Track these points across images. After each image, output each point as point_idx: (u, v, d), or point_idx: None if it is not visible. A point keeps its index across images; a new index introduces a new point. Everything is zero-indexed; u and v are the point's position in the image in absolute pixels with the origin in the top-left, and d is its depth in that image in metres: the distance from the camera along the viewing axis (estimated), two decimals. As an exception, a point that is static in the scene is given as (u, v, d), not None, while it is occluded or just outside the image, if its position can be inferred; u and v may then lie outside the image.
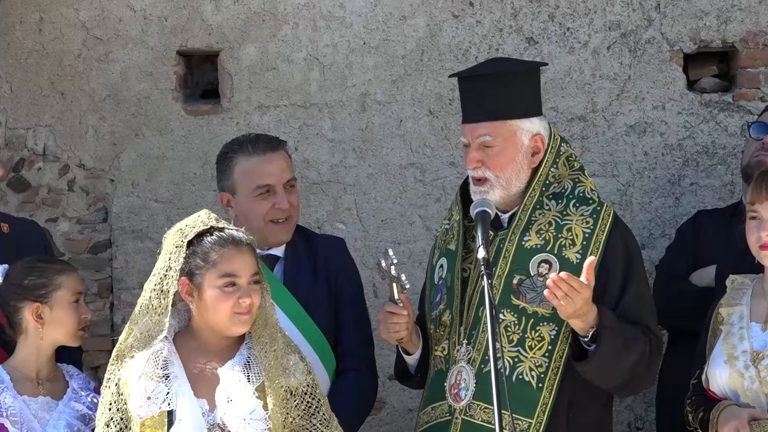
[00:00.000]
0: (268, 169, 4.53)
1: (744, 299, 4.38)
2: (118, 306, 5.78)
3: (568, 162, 4.35)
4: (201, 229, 3.94)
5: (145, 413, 3.87)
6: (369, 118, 5.72)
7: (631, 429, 5.67)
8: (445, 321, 4.31)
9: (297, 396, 3.98)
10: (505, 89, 4.25)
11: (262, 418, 3.87)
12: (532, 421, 4.09)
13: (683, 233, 5.27)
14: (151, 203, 5.77)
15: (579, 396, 4.18)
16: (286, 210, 4.54)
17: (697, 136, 5.65)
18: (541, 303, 4.14)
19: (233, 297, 3.89)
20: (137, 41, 5.77)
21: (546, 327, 4.15)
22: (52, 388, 4.36)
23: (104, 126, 5.80)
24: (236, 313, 3.90)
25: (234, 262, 3.91)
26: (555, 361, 4.14)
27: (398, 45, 5.71)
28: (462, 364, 4.19)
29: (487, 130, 4.22)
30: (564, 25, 5.67)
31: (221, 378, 3.92)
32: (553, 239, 4.21)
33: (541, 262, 4.20)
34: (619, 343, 4.09)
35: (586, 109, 5.67)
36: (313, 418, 3.99)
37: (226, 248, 3.92)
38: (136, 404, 3.87)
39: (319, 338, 4.49)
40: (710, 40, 5.66)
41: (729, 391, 4.27)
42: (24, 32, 5.80)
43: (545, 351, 4.13)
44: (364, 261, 5.69)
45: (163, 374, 3.89)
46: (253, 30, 5.74)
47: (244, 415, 3.87)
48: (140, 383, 3.87)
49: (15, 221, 4.86)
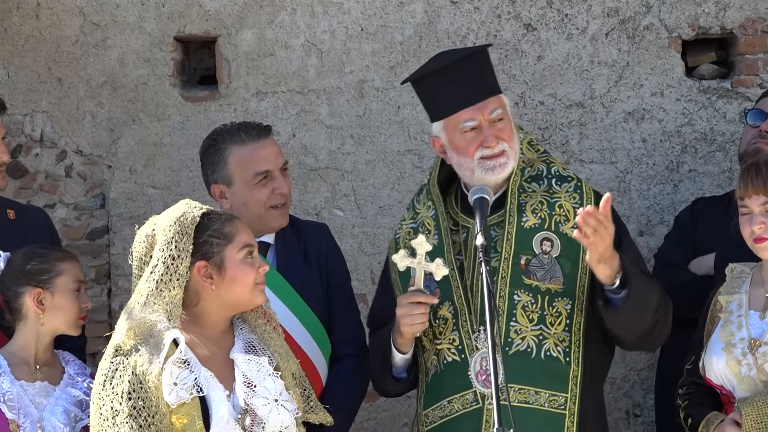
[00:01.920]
0: (264, 155, 4.52)
1: (743, 287, 4.39)
2: (115, 292, 5.78)
3: (531, 146, 4.43)
4: (202, 212, 3.93)
5: (174, 399, 3.78)
6: (367, 104, 5.72)
7: (630, 416, 5.67)
8: (444, 314, 4.28)
9: (296, 378, 4.00)
10: (488, 66, 4.31)
11: (289, 399, 3.88)
12: (567, 395, 4.14)
13: (681, 221, 5.27)
14: (149, 189, 5.77)
15: (596, 371, 4.26)
16: (286, 194, 4.54)
17: (695, 122, 5.65)
18: (552, 279, 4.19)
19: (254, 267, 3.92)
20: (134, 27, 5.76)
21: (561, 302, 4.19)
22: (49, 373, 4.36)
23: (102, 112, 5.79)
24: (257, 284, 3.93)
25: (246, 233, 3.95)
26: (575, 334, 4.19)
27: (396, 31, 5.70)
28: (485, 350, 4.17)
29: (496, 104, 4.26)
30: (562, 12, 5.66)
31: (238, 362, 3.90)
32: (548, 217, 4.26)
33: (543, 240, 4.24)
34: (644, 287, 4.15)
35: (584, 95, 5.67)
36: (309, 401, 4.01)
37: (235, 221, 3.96)
38: (165, 390, 3.77)
39: (315, 324, 4.50)
40: (709, 26, 5.65)
41: (725, 378, 4.28)
42: (21, 18, 5.79)
43: (565, 326, 4.18)
44: (362, 247, 5.68)
45: (183, 360, 3.83)
46: (250, 16, 5.73)
47: (275, 397, 3.85)
48: (167, 369, 3.79)
49: (21, 208, 4.86)
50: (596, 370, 4.29)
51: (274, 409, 3.84)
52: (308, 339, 4.43)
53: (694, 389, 4.43)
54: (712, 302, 4.44)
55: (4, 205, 4.77)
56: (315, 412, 4.01)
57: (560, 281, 4.19)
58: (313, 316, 4.49)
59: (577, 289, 4.21)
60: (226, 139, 4.53)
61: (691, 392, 4.44)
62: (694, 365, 4.42)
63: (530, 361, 4.13)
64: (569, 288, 4.19)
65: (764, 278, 4.38)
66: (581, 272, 4.21)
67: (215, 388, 3.83)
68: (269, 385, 3.88)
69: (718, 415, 4.29)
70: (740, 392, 4.26)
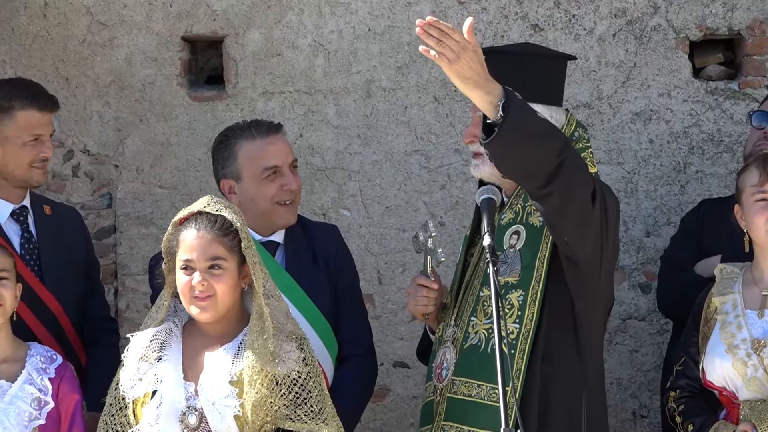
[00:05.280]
0: (274, 150, 4.55)
1: (735, 287, 4.39)
2: (122, 292, 5.78)
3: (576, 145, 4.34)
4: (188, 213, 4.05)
5: (134, 394, 4.00)
6: (374, 104, 5.72)
7: (636, 417, 5.67)
8: (448, 303, 4.38)
9: (284, 385, 3.97)
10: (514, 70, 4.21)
11: (231, 405, 3.91)
12: (509, 388, 4.05)
13: (687, 223, 5.26)
14: (156, 189, 5.77)
15: (554, 348, 4.16)
16: (295, 191, 4.55)
17: (702, 123, 5.64)
18: (511, 272, 4.18)
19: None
20: (142, 27, 5.76)
21: (514, 294, 4.17)
22: (9, 369, 4.31)
23: (109, 112, 5.79)
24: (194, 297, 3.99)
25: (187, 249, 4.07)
26: (525, 325, 4.14)
27: (403, 31, 5.70)
28: (447, 345, 4.25)
29: None
30: (569, 12, 5.66)
31: (205, 362, 3.98)
32: (521, 210, 4.25)
33: (513, 233, 4.23)
34: (531, 111, 3.92)
35: (591, 96, 5.66)
36: (299, 409, 3.98)
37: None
38: (128, 384, 3.99)
39: (323, 324, 4.51)
40: (716, 27, 5.65)
41: (729, 380, 4.27)
42: (28, 17, 5.80)
43: (515, 318, 4.15)
44: (369, 248, 5.69)
45: (156, 357, 4.01)
46: (258, 16, 5.74)
47: (214, 399, 3.94)
48: (134, 364, 4.00)
49: (56, 206, 4.99)
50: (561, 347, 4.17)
51: (214, 410, 3.93)
52: (315, 339, 4.43)
53: (688, 394, 4.42)
54: (705, 304, 4.43)
55: (40, 201, 4.89)
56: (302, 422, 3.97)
57: (517, 273, 4.17)
58: (320, 316, 4.50)
59: (533, 279, 4.16)
60: (237, 135, 4.58)
61: (686, 396, 4.43)
62: (685, 365, 4.42)
63: (478, 354, 4.15)
64: (525, 279, 4.15)
65: (755, 277, 4.38)
66: (539, 261, 4.16)
67: (171, 384, 3.97)
68: (216, 386, 3.94)
69: (726, 425, 4.28)
70: (746, 393, 4.26)
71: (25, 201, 4.79)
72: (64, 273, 4.77)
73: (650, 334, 5.65)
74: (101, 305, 5.00)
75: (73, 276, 4.82)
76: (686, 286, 4.98)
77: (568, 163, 3.93)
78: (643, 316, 5.65)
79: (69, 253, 4.83)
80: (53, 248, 4.77)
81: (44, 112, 4.73)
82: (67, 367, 4.36)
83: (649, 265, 5.55)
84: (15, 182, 4.73)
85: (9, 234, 4.68)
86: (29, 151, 4.70)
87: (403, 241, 5.65)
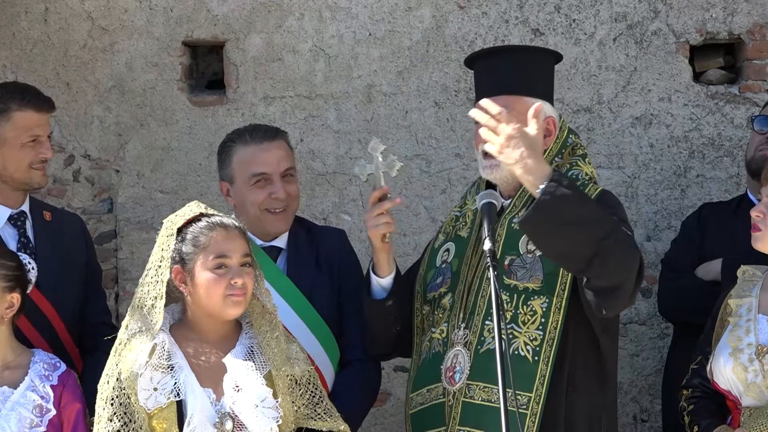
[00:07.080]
0: (264, 157, 4.53)
1: (753, 291, 4.36)
2: (123, 297, 5.78)
3: (573, 151, 4.35)
4: (189, 216, 3.97)
5: (153, 404, 3.89)
6: (374, 109, 5.72)
7: (637, 421, 5.67)
8: (445, 304, 4.33)
9: (302, 385, 4.01)
10: (519, 66, 4.25)
11: (273, 406, 3.90)
12: (531, 395, 4.09)
13: (688, 227, 5.26)
14: (157, 194, 5.77)
15: (578, 373, 4.18)
16: (283, 200, 4.53)
17: (703, 128, 5.65)
18: (531, 278, 4.17)
19: (225, 279, 3.93)
20: (143, 32, 5.77)
21: (537, 300, 4.15)
22: (12, 376, 4.30)
23: (109, 116, 5.80)
24: (229, 295, 3.93)
25: (223, 244, 3.95)
26: (549, 332, 4.13)
27: (404, 36, 5.70)
28: (458, 348, 4.21)
29: (503, 102, 4.10)
30: (570, 17, 5.66)
31: (228, 367, 3.94)
32: None
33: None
34: (573, 197, 3.94)
35: (591, 100, 5.66)
36: (317, 407, 4.03)
37: (215, 231, 3.96)
38: (143, 396, 3.89)
39: (323, 330, 4.50)
40: (716, 31, 5.65)
41: (732, 384, 4.26)
42: (29, 22, 5.80)
43: (539, 324, 4.13)
44: (369, 252, 5.67)
45: (167, 365, 3.92)
46: (258, 21, 5.74)
47: (256, 403, 3.89)
48: (146, 374, 3.90)
49: (57, 212, 4.96)
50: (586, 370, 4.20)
51: (253, 415, 3.88)
52: (315, 344, 4.43)
53: (700, 394, 4.41)
54: (722, 305, 4.41)
55: (40, 207, 4.87)
56: (323, 419, 4.01)
57: (539, 279, 4.15)
58: (321, 321, 4.49)
59: (558, 286, 4.15)
60: (235, 139, 4.60)
61: (697, 397, 4.41)
62: (700, 365, 4.40)
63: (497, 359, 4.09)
64: (548, 286, 4.14)
65: None
66: (563, 270, 4.15)
67: (195, 392, 3.89)
68: (253, 390, 3.91)
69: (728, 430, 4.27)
70: (747, 399, 4.24)
71: (24, 206, 4.78)
72: (62, 279, 4.76)
73: (651, 339, 5.65)
74: (102, 311, 4.99)
75: (72, 282, 4.81)
76: (687, 289, 4.99)
77: (608, 252, 3.95)
78: (643, 321, 5.65)
79: (68, 259, 4.81)
80: (51, 254, 4.76)
81: (41, 112, 4.73)
82: (70, 375, 4.35)
83: (649, 269, 5.55)
84: (15, 185, 4.73)
85: (6, 239, 4.67)
86: (28, 152, 4.70)
87: (404, 245, 5.65)
